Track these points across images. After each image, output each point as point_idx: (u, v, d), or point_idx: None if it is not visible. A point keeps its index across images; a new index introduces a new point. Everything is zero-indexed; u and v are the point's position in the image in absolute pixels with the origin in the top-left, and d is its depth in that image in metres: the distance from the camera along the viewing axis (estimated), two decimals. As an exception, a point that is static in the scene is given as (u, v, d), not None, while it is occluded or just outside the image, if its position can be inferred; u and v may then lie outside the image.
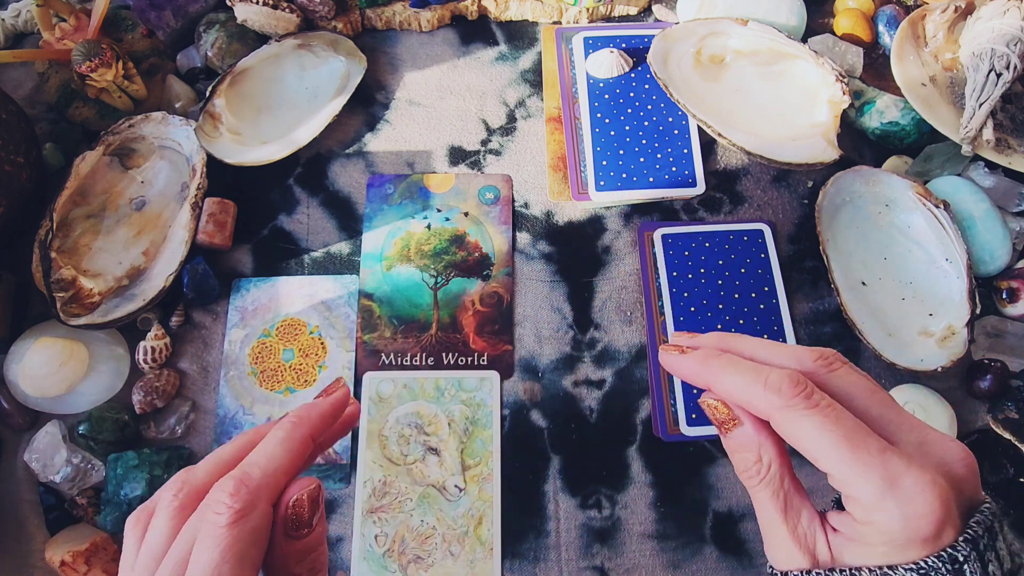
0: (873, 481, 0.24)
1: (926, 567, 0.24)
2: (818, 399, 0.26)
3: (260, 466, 0.27)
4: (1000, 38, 0.51)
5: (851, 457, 0.25)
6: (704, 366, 0.29)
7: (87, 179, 0.53)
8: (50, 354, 0.47)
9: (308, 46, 0.58)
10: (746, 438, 0.29)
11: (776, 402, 0.26)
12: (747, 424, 0.28)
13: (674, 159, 0.55)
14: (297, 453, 0.28)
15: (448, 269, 0.53)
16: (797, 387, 0.26)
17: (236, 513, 0.25)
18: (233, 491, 0.26)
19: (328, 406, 0.30)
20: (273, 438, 0.28)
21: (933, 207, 0.51)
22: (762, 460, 0.28)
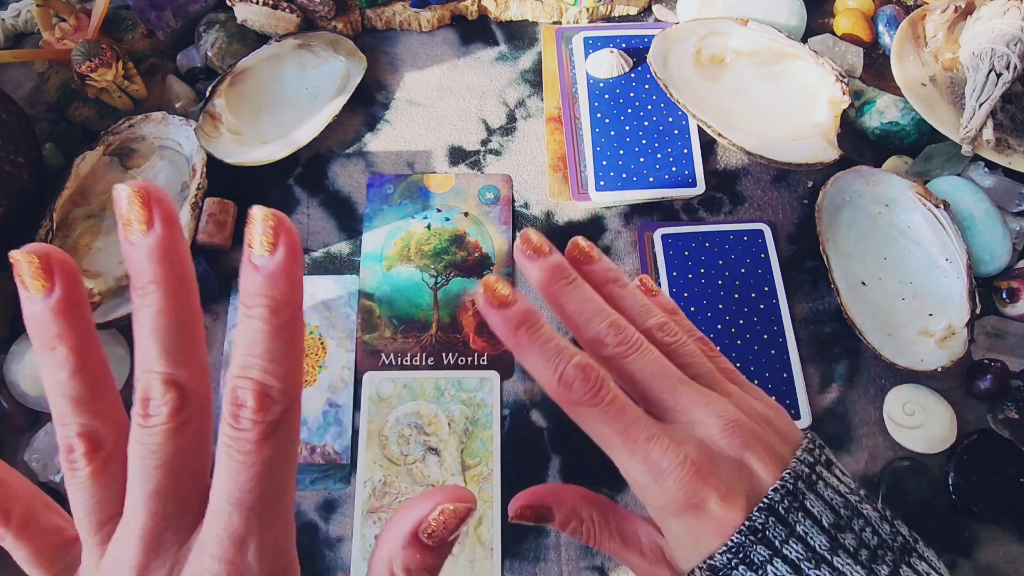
0: (639, 468, 0.27)
1: (735, 544, 0.25)
2: (603, 395, 0.27)
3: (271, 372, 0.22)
4: (1000, 38, 0.51)
5: (624, 448, 0.27)
6: (514, 337, 0.28)
7: (87, 179, 0.53)
8: (50, 354, 0.47)
9: (308, 46, 0.58)
10: (563, 514, 0.31)
11: (568, 397, 0.27)
12: (555, 508, 0.31)
13: (674, 159, 0.55)
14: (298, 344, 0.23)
15: (448, 269, 0.53)
16: (586, 385, 0.27)
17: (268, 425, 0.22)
18: (257, 405, 0.22)
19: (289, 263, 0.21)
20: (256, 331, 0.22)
21: (933, 207, 0.51)
22: (584, 520, 0.31)
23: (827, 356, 0.50)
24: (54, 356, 0.22)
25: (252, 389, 0.22)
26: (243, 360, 0.22)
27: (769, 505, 0.26)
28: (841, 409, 0.49)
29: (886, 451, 0.48)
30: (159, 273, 0.22)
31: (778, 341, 0.50)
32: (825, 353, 0.51)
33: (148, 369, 0.22)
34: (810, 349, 0.51)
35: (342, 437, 0.48)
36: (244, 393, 0.22)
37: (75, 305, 0.23)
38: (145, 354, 0.22)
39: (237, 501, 0.22)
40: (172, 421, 0.22)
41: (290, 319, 0.22)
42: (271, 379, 0.22)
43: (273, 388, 0.22)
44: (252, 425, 0.22)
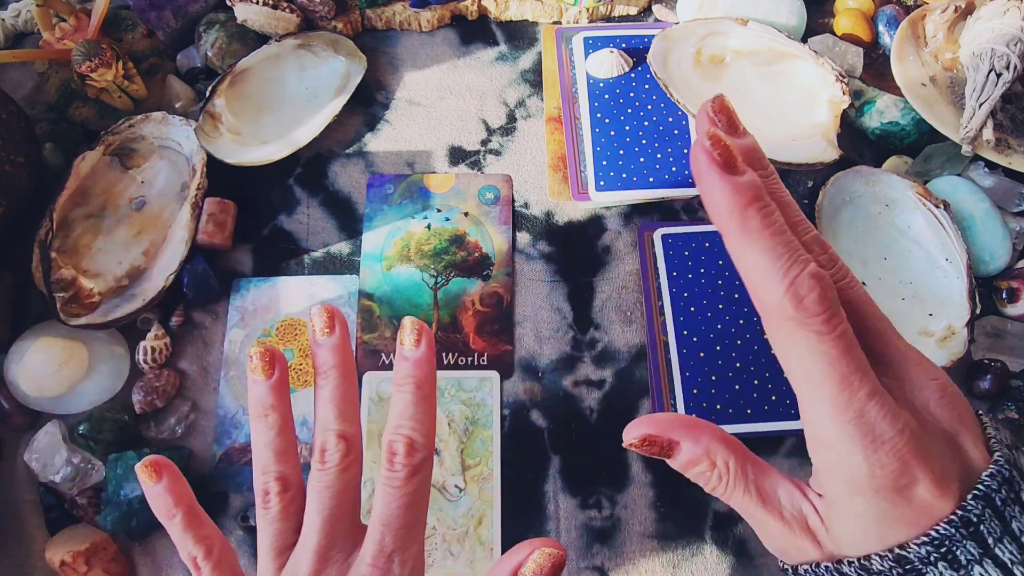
0: (848, 426, 0.22)
1: (939, 536, 0.21)
2: (836, 324, 0.22)
3: (416, 430, 0.30)
4: (1000, 38, 0.51)
5: (837, 398, 0.22)
6: (742, 214, 0.22)
7: (87, 179, 0.53)
8: (50, 354, 0.47)
9: (308, 46, 0.58)
10: (691, 454, 0.27)
11: (790, 312, 0.22)
12: (686, 442, 0.27)
13: (674, 159, 0.55)
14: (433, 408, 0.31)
15: (448, 269, 0.53)
16: (822, 304, 0.22)
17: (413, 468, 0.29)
18: (407, 451, 0.29)
19: (429, 355, 0.31)
20: (407, 401, 0.30)
21: (933, 207, 0.51)
22: (716, 465, 0.27)
23: (827, 356, 0.50)
24: (266, 421, 0.32)
25: (403, 442, 0.29)
26: (395, 423, 0.30)
27: (986, 494, 0.21)
28: (841, 409, 0.49)
29: (886, 451, 0.48)
30: (336, 361, 0.32)
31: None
32: (825, 353, 0.50)
33: (325, 428, 0.31)
34: (810, 349, 0.51)
35: (342, 437, 0.48)
36: (397, 445, 0.29)
37: (285, 387, 0.33)
38: (323, 416, 0.31)
39: (387, 523, 0.29)
40: (342, 463, 0.30)
41: (429, 392, 0.31)
42: (416, 434, 0.30)
43: (418, 441, 0.29)
44: (402, 467, 0.29)
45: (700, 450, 0.27)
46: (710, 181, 0.22)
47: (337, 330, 0.32)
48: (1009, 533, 0.21)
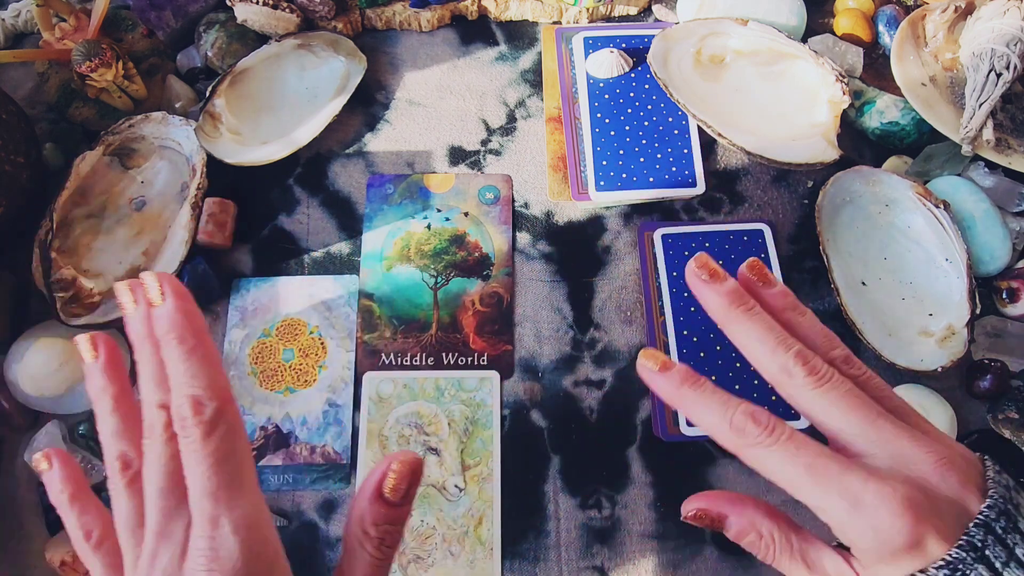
0: (836, 503, 0.25)
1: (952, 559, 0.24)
2: (779, 434, 0.27)
3: (195, 385, 0.28)
4: (1000, 38, 0.51)
5: (813, 484, 0.26)
6: (678, 394, 0.29)
7: (87, 179, 0.53)
8: (50, 354, 0.47)
9: (308, 46, 0.58)
10: (739, 526, 0.30)
11: (740, 442, 0.27)
12: (732, 515, 0.30)
13: (674, 159, 0.55)
14: (209, 353, 0.29)
15: (448, 269, 0.53)
16: (758, 426, 0.27)
17: (208, 424, 0.27)
18: (193, 411, 0.27)
19: (179, 302, 0.29)
20: (176, 357, 0.28)
21: (933, 207, 0.51)
22: (763, 535, 0.29)
23: (827, 356, 0.50)
24: (101, 403, 0.31)
25: (186, 403, 0.27)
26: (174, 388, 0.28)
27: (985, 522, 0.24)
28: (841, 409, 0.49)
29: (886, 451, 0.48)
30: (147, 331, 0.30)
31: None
32: (825, 353, 0.51)
33: (148, 402, 0.29)
34: (810, 349, 0.51)
35: (342, 437, 0.48)
36: (183, 408, 0.27)
37: (112, 365, 0.32)
38: (144, 389, 0.30)
39: (201, 489, 0.27)
40: (165, 433, 0.29)
41: (196, 344, 0.28)
42: (196, 389, 0.28)
43: (201, 394, 0.28)
44: (195, 426, 0.27)
45: (745, 522, 0.30)
46: (653, 381, 0.30)
47: (169, 297, 0.29)
48: (1015, 559, 0.24)
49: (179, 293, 0.29)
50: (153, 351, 0.29)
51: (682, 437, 0.48)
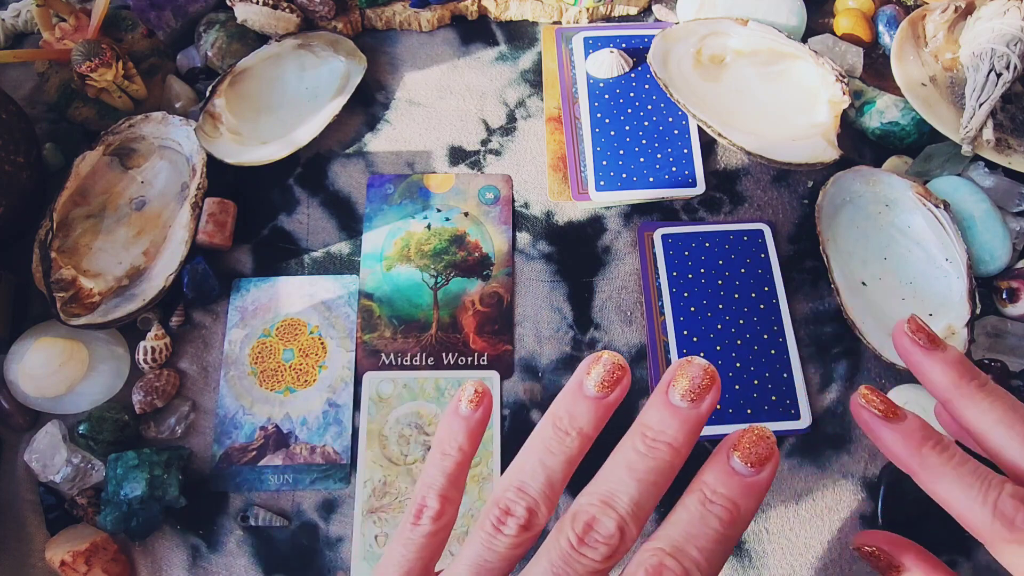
0: None
1: None
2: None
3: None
4: (1000, 38, 0.51)
5: None
6: (918, 456, 0.24)
7: (87, 179, 0.53)
8: (50, 354, 0.47)
9: (308, 46, 0.58)
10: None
11: (1003, 534, 0.22)
12: (915, 570, 0.26)
13: (674, 159, 0.55)
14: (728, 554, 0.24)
15: (448, 269, 0.53)
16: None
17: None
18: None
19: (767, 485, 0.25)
20: (711, 527, 0.24)
21: (933, 207, 0.51)
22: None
23: (827, 356, 0.50)
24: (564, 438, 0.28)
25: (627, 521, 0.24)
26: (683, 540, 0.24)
27: None
28: (841, 409, 0.49)
29: (886, 451, 0.48)
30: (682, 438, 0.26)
31: (778, 341, 0.50)
32: (825, 353, 0.51)
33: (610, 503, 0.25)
34: (810, 349, 0.51)
35: (342, 437, 0.48)
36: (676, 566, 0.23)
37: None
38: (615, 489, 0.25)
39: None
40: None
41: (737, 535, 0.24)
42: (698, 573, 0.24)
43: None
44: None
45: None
46: (877, 431, 0.24)
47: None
48: None
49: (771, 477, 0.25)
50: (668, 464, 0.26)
51: (682, 437, 0.48)
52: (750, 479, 0.23)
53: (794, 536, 0.46)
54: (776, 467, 0.24)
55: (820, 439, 0.48)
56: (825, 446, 0.48)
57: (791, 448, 0.48)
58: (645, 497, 0.24)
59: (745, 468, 0.24)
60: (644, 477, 0.24)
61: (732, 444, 0.24)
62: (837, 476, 0.48)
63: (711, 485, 0.24)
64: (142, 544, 0.46)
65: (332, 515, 0.47)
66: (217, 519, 0.47)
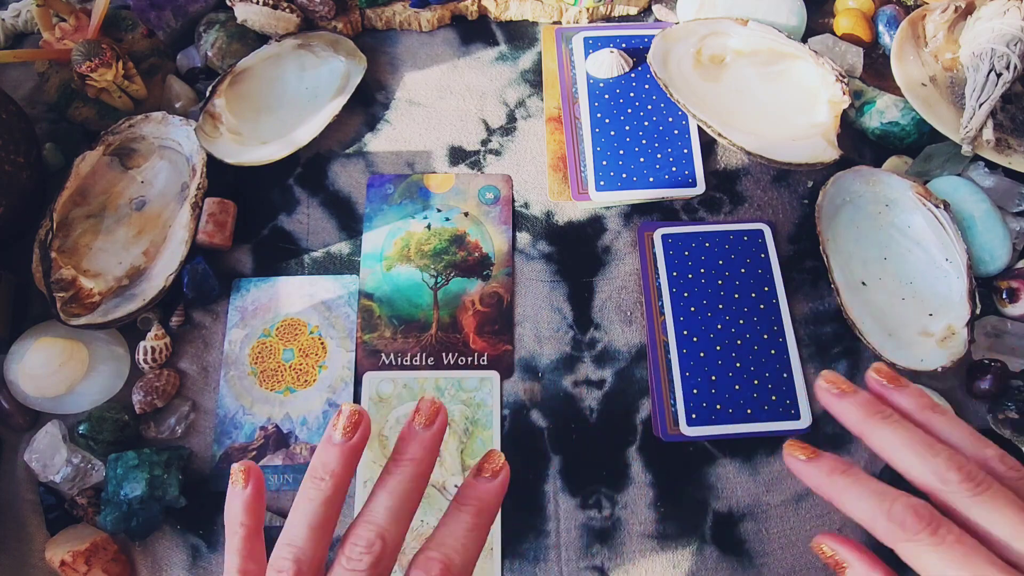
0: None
1: None
2: (944, 534, 0.25)
3: (459, 553, 0.29)
4: (1000, 38, 0.51)
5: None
6: (829, 481, 0.28)
7: (87, 179, 0.53)
8: (50, 354, 0.47)
9: (308, 46, 0.58)
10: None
11: (899, 535, 0.26)
12: (856, 567, 0.28)
13: (674, 159, 0.55)
14: (483, 543, 0.30)
15: (448, 269, 0.53)
16: (920, 522, 0.25)
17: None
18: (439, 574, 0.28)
19: (500, 490, 0.31)
20: (462, 524, 0.30)
21: (933, 207, 0.51)
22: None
23: (827, 356, 0.50)
24: (320, 484, 0.30)
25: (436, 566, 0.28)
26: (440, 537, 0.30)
27: None
28: (841, 409, 0.49)
29: (886, 451, 0.48)
30: (420, 455, 0.31)
31: (778, 341, 0.50)
32: (825, 353, 0.51)
33: (369, 520, 0.29)
34: (810, 349, 0.51)
35: (342, 437, 0.48)
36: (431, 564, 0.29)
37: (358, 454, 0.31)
38: (374, 506, 0.30)
39: None
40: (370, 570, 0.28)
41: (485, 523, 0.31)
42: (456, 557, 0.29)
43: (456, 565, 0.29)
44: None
45: None
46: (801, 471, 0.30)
47: (436, 425, 0.31)
48: None
49: (506, 483, 0.32)
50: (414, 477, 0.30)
51: (682, 437, 0.48)
52: (487, 484, 0.31)
53: (794, 536, 0.46)
54: (507, 473, 0.32)
55: (820, 439, 0.48)
56: (825, 446, 0.48)
57: (791, 448, 0.48)
58: (400, 505, 0.30)
59: (484, 477, 0.31)
60: (395, 490, 0.30)
61: (475, 469, 0.32)
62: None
63: (461, 494, 0.31)
64: (142, 544, 0.46)
65: (332, 515, 0.47)
66: (217, 519, 0.47)
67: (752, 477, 0.48)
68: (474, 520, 0.29)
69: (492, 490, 0.31)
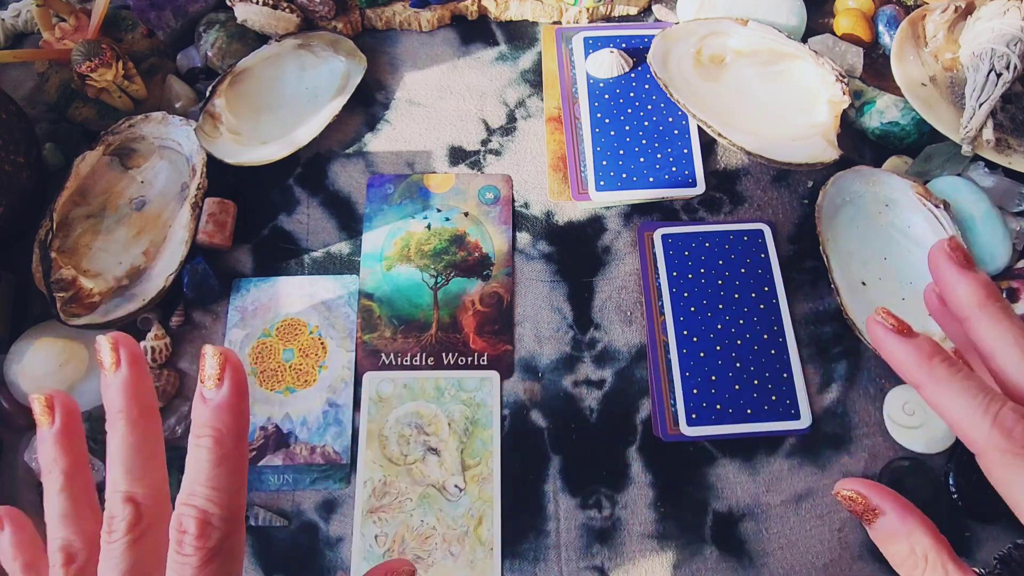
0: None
1: None
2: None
3: (212, 499, 0.24)
4: (1000, 38, 0.51)
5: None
6: (928, 367, 0.25)
7: (87, 179, 0.53)
8: (50, 354, 0.47)
9: (308, 46, 0.58)
10: (893, 528, 0.26)
11: (1001, 444, 0.23)
12: (891, 514, 0.26)
13: (674, 159, 0.55)
14: (241, 469, 0.25)
15: (448, 269, 0.53)
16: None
17: (209, 552, 0.24)
18: (198, 532, 0.24)
19: (234, 400, 0.25)
20: (203, 460, 0.25)
21: (933, 207, 0.51)
22: (916, 552, 0.25)
23: (827, 356, 0.50)
24: (50, 477, 0.28)
25: (195, 517, 0.24)
26: (189, 487, 0.25)
27: None
28: (841, 409, 0.49)
29: (886, 451, 0.48)
30: (123, 404, 0.27)
31: (778, 341, 0.50)
32: (825, 353, 0.51)
33: (113, 489, 0.26)
34: (810, 349, 0.51)
35: (342, 437, 0.48)
36: (188, 521, 0.24)
37: (71, 434, 0.29)
38: (111, 475, 0.26)
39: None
40: (131, 533, 0.25)
41: (233, 448, 0.25)
42: (212, 506, 0.24)
43: (214, 515, 0.24)
44: (194, 551, 0.24)
45: (903, 529, 0.26)
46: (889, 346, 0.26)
47: (123, 365, 0.27)
48: None
49: (240, 387, 0.25)
50: (133, 428, 0.27)
51: (682, 437, 0.48)
52: (218, 400, 0.25)
53: (794, 536, 0.46)
54: (237, 374, 0.25)
55: (820, 439, 0.48)
56: (825, 446, 0.48)
57: (791, 448, 0.48)
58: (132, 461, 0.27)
59: (211, 391, 0.25)
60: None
61: (200, 379, 0.25)
62: (837, 476, 0.48)
63: (193, 423, 0.25)
64: (142, 544, 0.46)
65: (332, 515, 0.47)
66: (217, 519, 0.47)
67: (752, 477, 0.48)
68: (217, 452, 0.24)
69: (224, 405, 0.25)
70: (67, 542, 0.27)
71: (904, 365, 0.26)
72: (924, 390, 0.25)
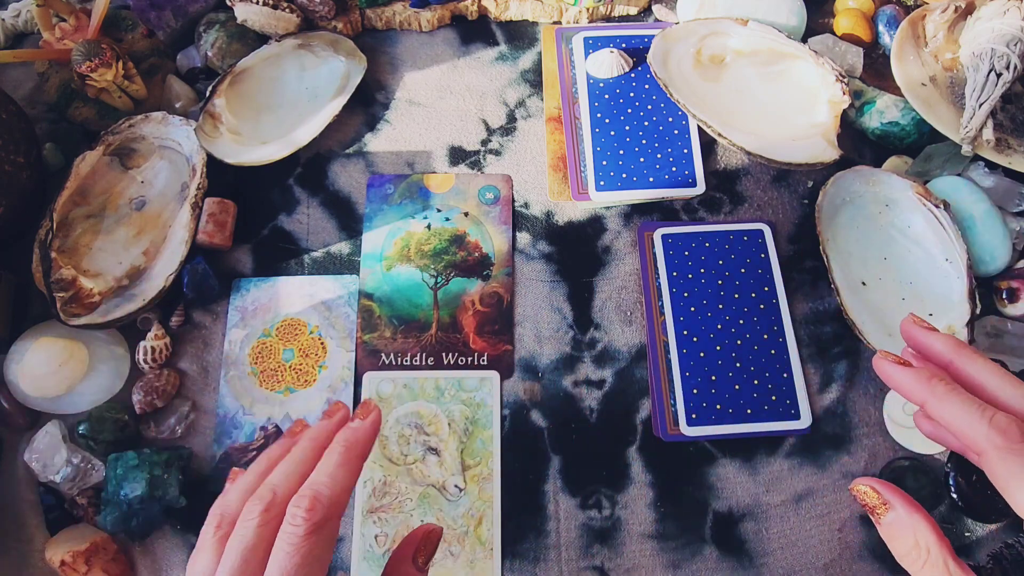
0: None
1: None
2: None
3: (327, 485, 0.31)
4: (1000, 38, 0.51)
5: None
6: (928, 387, 0.29)
7: (87, 179, 0.53)
8: (50, 354, 0.47)
9: (308, 46, 0.58)
10: (900, 522, 0.29)
11: (998, 442, 0.27)
12: (899, 508, 0.29)
13: (674, 159, 0.55)
14: (355, 473, 0.33)
15: (448, 269, 0.53)
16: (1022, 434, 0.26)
17: (313, 525, 0.29)
18: (309, 506, 0.29)
19: (370, 428, 0.34)
20: (331, 460, 0.32)
21: (933, 207, 0.51)
22: (920, 545, 0.28)
23: (827, 356, 0.50)
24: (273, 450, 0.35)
25: (309, 496, 0.30)
26: (313, 478, 0.31)
27: None
28: (841, 409, 0.49)
29: (886, 451, 0.48)
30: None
31: (778, 341, 0.50)
32: (825, 353, 0.51)
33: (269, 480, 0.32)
34: (810, 349, 0.51)
35: (342, 437, 0.48)
36: (303, 500, 0.30)
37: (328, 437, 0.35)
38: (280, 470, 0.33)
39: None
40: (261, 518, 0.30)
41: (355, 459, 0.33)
42: (326, 490, 0.30)
43: (325, 497, 0.30)
44: (302, 522, 0.29)
45: (909, 523, 0.29)
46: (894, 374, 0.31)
47: (370, 423, 0.35)
48: None
49: (376, 424, 0.35)
50: (309, 448, 0.33)
51: (682, 437, 0.48)
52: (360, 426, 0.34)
53: (794, 536, 0.46)
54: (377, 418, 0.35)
55: (820, 439, 0.48)
56: (825, 446, 0.48)
57: (791, 448, 0.48)
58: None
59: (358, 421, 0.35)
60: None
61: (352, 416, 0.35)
62: (837, 476, 0.48)
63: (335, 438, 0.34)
64: (142, 544, 0.46)
65: (332, 515, 0.47)
66: (217, 519, 0.47)
67: (752, 477, 0.48)
68: (343, 456, 0.32)
69: (361, 429, 0.34)
70: (277, 487, 0.31)
71: (910, 388, 0.30)
72: (928, 406, 0.29)
